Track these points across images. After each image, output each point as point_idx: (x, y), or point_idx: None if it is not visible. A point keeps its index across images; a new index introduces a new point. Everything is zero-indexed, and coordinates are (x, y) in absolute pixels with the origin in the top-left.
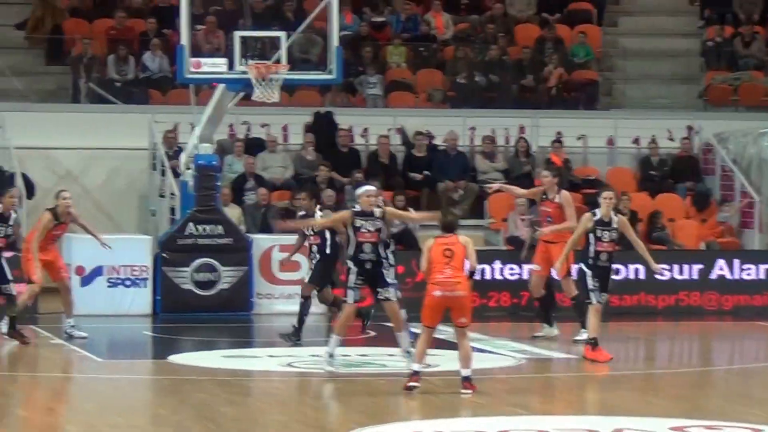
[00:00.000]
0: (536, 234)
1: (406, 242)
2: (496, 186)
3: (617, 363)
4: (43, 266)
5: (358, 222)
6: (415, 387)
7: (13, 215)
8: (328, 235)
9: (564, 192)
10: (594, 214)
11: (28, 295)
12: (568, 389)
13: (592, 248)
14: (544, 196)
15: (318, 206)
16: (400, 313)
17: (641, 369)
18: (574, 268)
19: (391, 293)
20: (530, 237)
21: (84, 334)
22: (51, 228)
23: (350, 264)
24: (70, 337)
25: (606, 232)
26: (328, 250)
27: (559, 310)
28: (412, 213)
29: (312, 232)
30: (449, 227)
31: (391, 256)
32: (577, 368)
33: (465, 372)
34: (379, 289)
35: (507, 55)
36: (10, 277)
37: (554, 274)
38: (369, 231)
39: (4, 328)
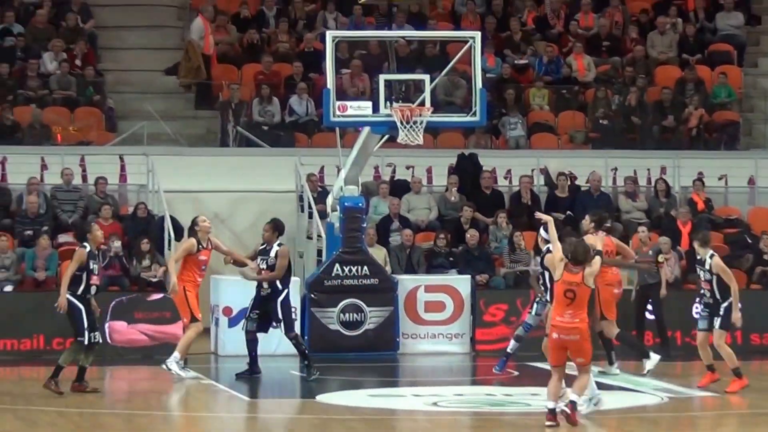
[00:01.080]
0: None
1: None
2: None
3: (759, 401)
4: None
5: None
6: (551, 426)
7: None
8: None
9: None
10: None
11: (194, 334)
12: (710, 427)
13: None
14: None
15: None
16: None
17: None
18: None
19: None
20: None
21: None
22: (194, 253)
23: None
24: (167, 369)
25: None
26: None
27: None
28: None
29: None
30: (578, 260)
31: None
32: (718, 406)
33: (573, 396)
34: None
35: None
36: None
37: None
38: None
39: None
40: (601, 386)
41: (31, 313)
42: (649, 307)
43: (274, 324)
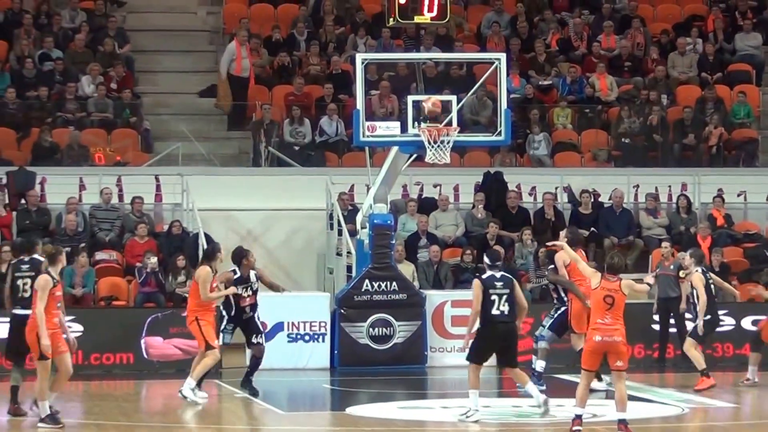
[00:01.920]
0: None
1: None
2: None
3: None
4: None
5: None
6: (578, 431)
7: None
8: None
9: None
10: None
11: (211, 362)
12: None
13: None
14: None
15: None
16: None
17: None
18: None
19: None
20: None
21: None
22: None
23: None
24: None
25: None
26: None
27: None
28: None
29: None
30: (614, 270)
31: None
32: (737, 416)
33: (620, 415)
34: None
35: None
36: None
37: None
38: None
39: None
40: (614, 396)
41: (70, 329)
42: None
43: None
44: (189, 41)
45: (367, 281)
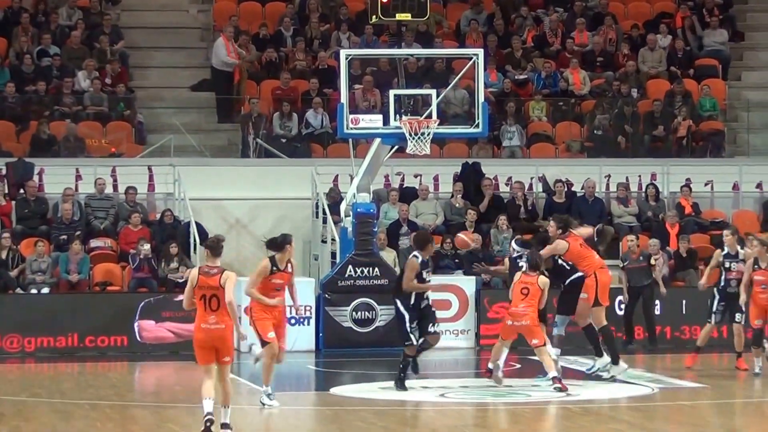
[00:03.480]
0: None
1: None
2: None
3: (751, 391)
4: None
5: None
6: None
7: None
8: None
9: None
10: (723, 250)
11: (269, 359)
12: (699, 416)
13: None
14: None
15: None
16: None
17: None
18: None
19: None
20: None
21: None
22: (267, 275)
23: None
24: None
25: (734, 263)
26: None
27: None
28: None
29: None
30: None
31: None
32: (706, 396)
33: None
34: None
35: (637, 108)
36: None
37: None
38: None
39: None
40: (587, 377)
41: (66, 313)
42: None
43: None
44: (181, 38)
45: (350, 267)
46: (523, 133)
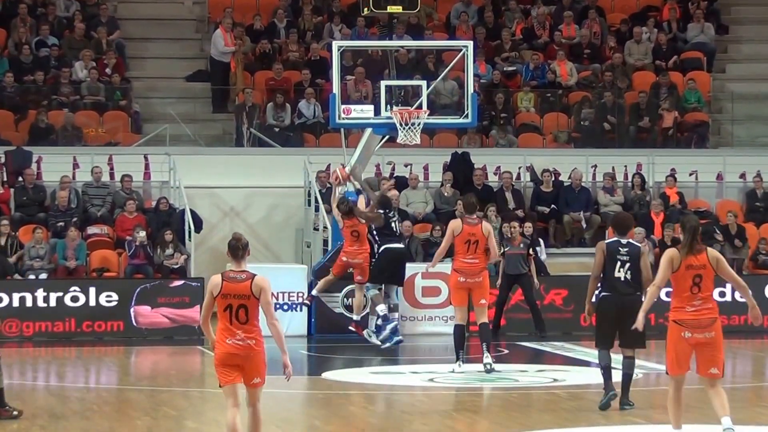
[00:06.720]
0: None
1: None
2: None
3: (729, 377)
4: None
5: None
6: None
7: None
8: None
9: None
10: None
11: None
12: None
13: None
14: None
15: None
16: None
17: (750, 382)
18: None
19: None
20: None
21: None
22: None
23: None
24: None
25: None
26: None
27: None
28: None
29: None
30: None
31: None
32: (689, 382)
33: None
34: None
35: (624, 99)
36: None
37: None
38: None
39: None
40: (574, 362)
41: (64, 299)
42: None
43: None
44: (176, 29)
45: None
46: (512, 124)
